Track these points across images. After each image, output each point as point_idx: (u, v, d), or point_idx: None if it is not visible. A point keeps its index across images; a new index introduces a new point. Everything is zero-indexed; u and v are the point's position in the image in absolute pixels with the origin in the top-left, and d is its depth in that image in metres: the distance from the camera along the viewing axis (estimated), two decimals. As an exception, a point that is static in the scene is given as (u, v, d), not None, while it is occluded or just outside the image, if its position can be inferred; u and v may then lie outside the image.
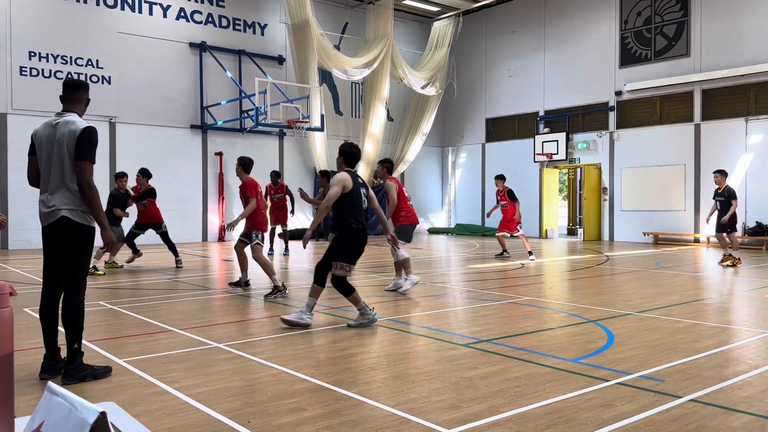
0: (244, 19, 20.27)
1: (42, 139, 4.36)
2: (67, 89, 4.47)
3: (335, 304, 7.45)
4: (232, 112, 19.83)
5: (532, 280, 10.07)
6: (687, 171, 18.31)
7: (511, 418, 3.50)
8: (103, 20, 17.56)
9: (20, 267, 11.83)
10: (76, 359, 4.23)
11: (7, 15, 16.13)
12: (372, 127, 22.12)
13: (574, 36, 21.10)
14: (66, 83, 4.51)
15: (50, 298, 4.39)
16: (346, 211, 6.09)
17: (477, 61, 24.43)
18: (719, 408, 3.66)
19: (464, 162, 25.13)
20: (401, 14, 23.82)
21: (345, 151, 6.40)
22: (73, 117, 4.38)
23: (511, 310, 7.13)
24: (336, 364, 4.71)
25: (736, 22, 17.27)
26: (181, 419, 3.49)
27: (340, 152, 6.43)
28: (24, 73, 16.36)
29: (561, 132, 21.33)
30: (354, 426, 3.38)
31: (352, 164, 6.40)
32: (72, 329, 4.25)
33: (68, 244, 4.30)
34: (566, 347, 5.23)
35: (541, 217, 22.28)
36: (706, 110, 17.98)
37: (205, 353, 5.08)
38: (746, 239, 16.92)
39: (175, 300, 7.97)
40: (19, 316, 6.46)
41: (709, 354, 4.97)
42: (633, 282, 9.76)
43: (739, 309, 7.51)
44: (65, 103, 4.46)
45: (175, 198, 18.44)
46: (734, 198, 12.07)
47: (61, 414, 1.53)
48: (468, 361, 4.77)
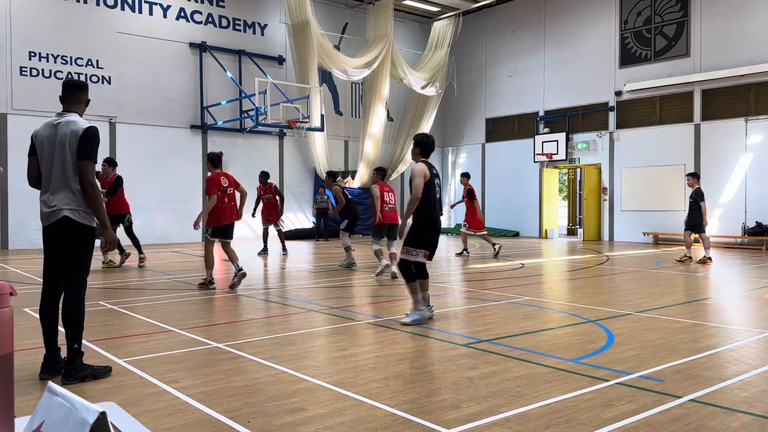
0: (244, 19, 20.28)
1: (43, 139, 4.36)
2: (67, 90, 4.48)
3: (335, 304, 7.45)
4: (232, 112, 19.83)
5: (532, 280, 10.07)
6: (687, 171, 18.30)
7: (511, 418, 3.50)
8: (103, 20, 17.56)
9: (20, 267, 11.83)
10: (76, 359, 4.24)
11: (7, 15, 16.13)
12: (372, 127, 22.12)
13: (574, 36, 21.10)
14: (65, 83, 4.52)
15: (50, 298, 4.39)
16: (424, 201, 6.25)
17: (477, 61, 24.44)
18: (719, 408, 3.66)
19: (464, 162, 25.13)
20: (401, 14, 23.82)
21: (421, 141, 6.50)
22: (74, 117, 4.38)
23: (511, 310, 7.13)
24: (336, 364, 4.71)
25: (736, 22, 17.27)
26: (181, 419, 3.50)
27: (416, 143, 6.52)
28: (24, 73, 16.36)
29: (561, 132, 21.33)
30: (354, 426, 3.38)
31: (427, 154, 6.52)
32: (72, 329, 4.25)
33: (69, 244, 4.30)
34: (566, 347, 5.23)
35: (541, 217, 22.28)
36: (706, 110, 17.98)
37: (205, 353, 5.08)
38: (746, 239, 16.93)
39: (175, 300, 7.97)
40: (19, 316, 6.46)
41: (709, 354, 4.98)
42: (633, 282, 9.76)
43: (739, 309, 7.51)
44: (65, 104, 4.47)
45: (175, 198, 18.45)
46: (701, 200, 12.45)
47: (62, 414, 1.53)
48: (468, 361, 4.77)
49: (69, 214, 4.25)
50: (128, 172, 17.82)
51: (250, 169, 20.47)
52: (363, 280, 10.02)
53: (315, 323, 6.43)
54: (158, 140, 18.30)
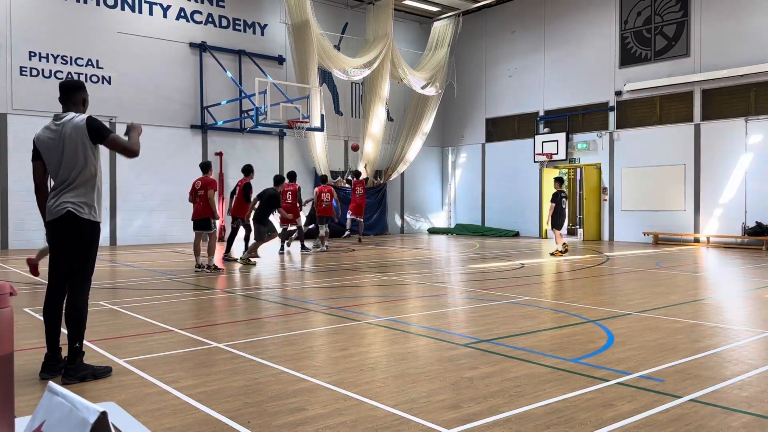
0: (244, 19, 20.28)
1: (46, 141, 4.37)
2: (63, 91, 4.51)
3: (335, 304, 7.45)
4: (232, 112, 19.83)
5: (532, 280, 10.07)
6: (687, 171, 18.31)
7: (511, 418, 3.50)
8: (103, 20, 17.56)
9: (20, 267, 11.83)
10: (76, 358, 4.24)
11: (7, 15, 16.13)
12: (372, 127, 22.12)
13: (574, 36, 21.10)
14: (61, 85, 4.54)
15: (55, 297, 4.40)
16: None
17: (477, 61, 24.43)
18: (719, 408, 3.66)
19: (464, 162, 25.13)
20: (401, 14, 23.82)
21: None
22: (72, 114, 4.42)
23: (511, 310, 7.13)
24: (336, 364, 4.71)
25: (736, 22, 17.27)
26: (181, 419, 3.50)
27: None
28: (24, 73, 16.36)
29: (561, 132, 21.33)
30: (354, 426, 3.38)
31: None
32: (74, 328, 4.25)
33: (73, 240, 4.31)
34: (566, 347, 5.23)
35: (541, 217, 22.27)
36: (706, 110, 17.98)
37: (205, 353, 5.08)
38: (746, 239, 16.93)
39: (175, 300, 7.97)
40: (19, 316, 6.46)
41: (709, 354, 4.98)
42: (633, 282, 9.76)
43: (739, 309, 7.51)
44: (63, 105, 4.52)
45: (175, 198, 18.45)
46: (551, 201, 14.72)
47: (62, 414, 1.53)
48: (468, 361, 4.77)
49: (72, 208, 4.26)
50: (128, 172, 17.87)
51: (250, 169, 20.48)
52: (363, 280, 10.02)
53: (315, 323, 6.43)
54: (158, 140, 18.29)
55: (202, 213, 10.95)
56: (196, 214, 11.03)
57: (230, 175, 19.74)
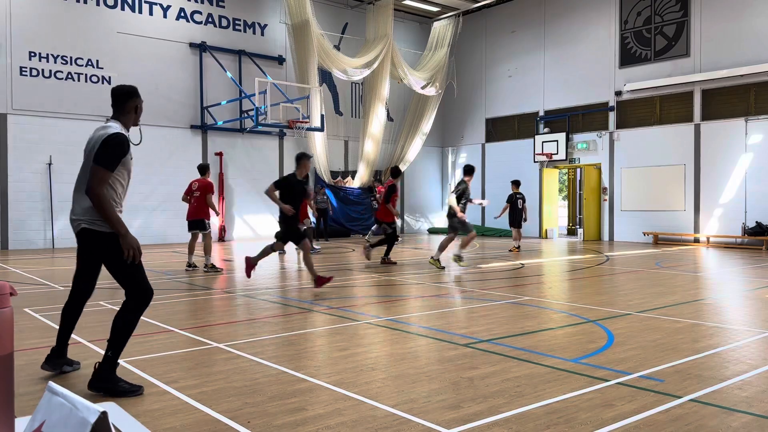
0: (244, 19, 20.28)
1: (86, 145, 4.26)
2: (112, 97, 4.30)
3: (335, 304, 7.45)
4: (232, 112, 19.83)
5: (532, 280, 10.07)
6: (687, 171, 18.32)
7: (511, 418, 3.50)
8: (103, 20, 17.56)
9: (20, 267, 11.83)
10: (106, 367, 4.00)
11: (7, 15, 16.13)
12: (372, 127, 22.13)
13: (574, 36, 21.10)
14: (112, 91, 4.33)
15: (74, 298, 4.41)
16: None
17: (477, 61, 24.43)
18: (719, 408, 3.66)
19: (464, 162, 25.12)
20: (401, 14, 23.82)
21: None
22: (111, 123, 4.21)
23: (511, 310, 7.13)
24: (336, 364, 4.71)
25: (736, 22, 17.27)
26: (181, 419, 3.50)
27: None
28: (24, 73, 16.36)
29: (561, 132, 21.34)
30: (354, 426, 3.38)
31: None
32: (113, 336, 4.06)
33: (99, 254, 4.16)
34: (566, 347, 5.23)
35: (541, 217, 22.28)
36: (706, 110, 17.99)
37: (205, 353, 5.08)
38: (746, 239, 16.94)
39: (175, 300, 7.97)
40: (19, 316, 6.46)
41: (709, 354, 4.98)
42: (633, 282, 9.76)
43: (739, 309, 7.51)
44: (113, 111, 4.31)
45: (175, 198, 18.42)
46: (507, 201, 16.43)
47: (62, 414, 1.53)
48: (468, 361, 4.77)
49: (86, 225, 4.09)
50: (128, 172, 17.84)
51: (250, 170, 20.49)
52: (363, 280, 10.03)
53: (315, 323, 6.43)
54: (158, 140, 18.29)
55: (196, 213, 11.13)
56: (191, 215, 11.21)
57: (230, 175, 19.75)
